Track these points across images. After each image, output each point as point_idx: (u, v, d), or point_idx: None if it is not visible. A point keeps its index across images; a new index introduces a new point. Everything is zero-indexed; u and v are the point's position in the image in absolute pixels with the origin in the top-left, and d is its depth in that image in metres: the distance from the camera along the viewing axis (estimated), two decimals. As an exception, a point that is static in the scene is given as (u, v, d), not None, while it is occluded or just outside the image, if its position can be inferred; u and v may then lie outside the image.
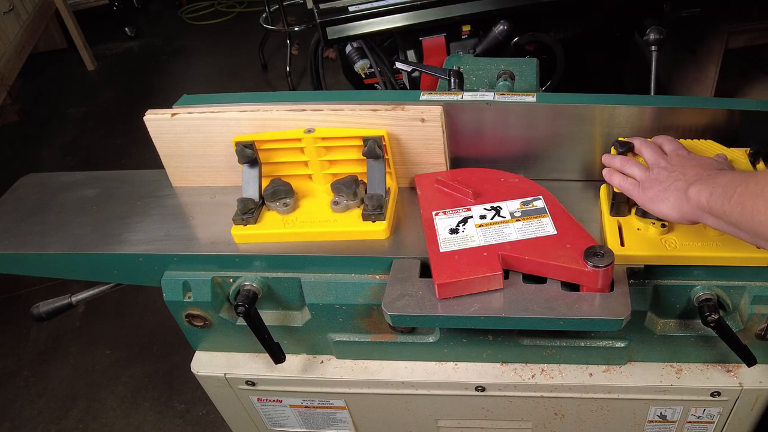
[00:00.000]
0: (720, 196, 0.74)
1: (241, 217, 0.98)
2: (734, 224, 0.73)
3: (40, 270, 1.06)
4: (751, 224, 0.69)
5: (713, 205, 0.76)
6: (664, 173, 0.86)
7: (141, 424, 2.01)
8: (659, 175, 0.86)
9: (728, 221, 0.74)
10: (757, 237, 0.70)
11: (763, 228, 0.68)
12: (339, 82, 2.70)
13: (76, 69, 4.15)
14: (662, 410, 1.05)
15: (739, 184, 0.71)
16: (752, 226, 0.69)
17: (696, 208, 0.79)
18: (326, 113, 1.00)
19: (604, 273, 0.83)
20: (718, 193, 0.75)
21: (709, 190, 0.77)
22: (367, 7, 1.74)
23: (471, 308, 0.85)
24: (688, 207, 0.80)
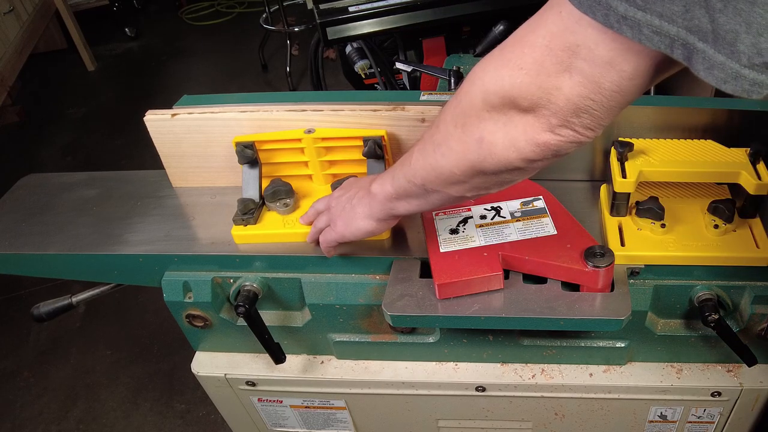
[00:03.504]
0: (401, 172, 0.75)
1: (241, 218, 0.98)
2: (422, 186, 0.73)
3: (41, 270, 1.06)
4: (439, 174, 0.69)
5: (399, 184, 0.76)
6: (342, 198, 0.88)
7: (141, 425, 2.01)
8: (338, 203, 0.88)
9: (417, 189, 0.74)
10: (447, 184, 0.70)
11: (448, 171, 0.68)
12: (339, 82, 2.69)
13: (76, 69, 4.15)
14: (662, 410, 1.05)
15: (415, 151, 0.72)
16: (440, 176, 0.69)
17: (385, 201, 0.80)
18: (326, 113, 1.00)
19: (604, 273, 0.83)
20: (398, 172, 0.76)
21: (389, 176, 0.78)
22: (367, 7, 1.74)
23: (471, 308, 0.85)
24: (378, 205, 0.81)
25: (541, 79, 0.55)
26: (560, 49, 0.52)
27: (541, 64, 0.54)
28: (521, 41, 0.56)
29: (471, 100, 0.61)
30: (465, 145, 0.64)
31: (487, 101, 0.60)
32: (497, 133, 0.61)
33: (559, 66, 0.53)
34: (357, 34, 1.79)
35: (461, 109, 0.63)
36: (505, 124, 0.60)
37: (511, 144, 0.60)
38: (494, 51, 0.59)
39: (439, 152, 0.68)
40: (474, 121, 0.62)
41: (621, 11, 0.46)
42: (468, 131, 0.63)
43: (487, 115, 0.61)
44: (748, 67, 0.43)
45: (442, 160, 0.68)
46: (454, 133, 0.65)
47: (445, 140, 0.66)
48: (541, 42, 0.53)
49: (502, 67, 0.57)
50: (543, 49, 0.53)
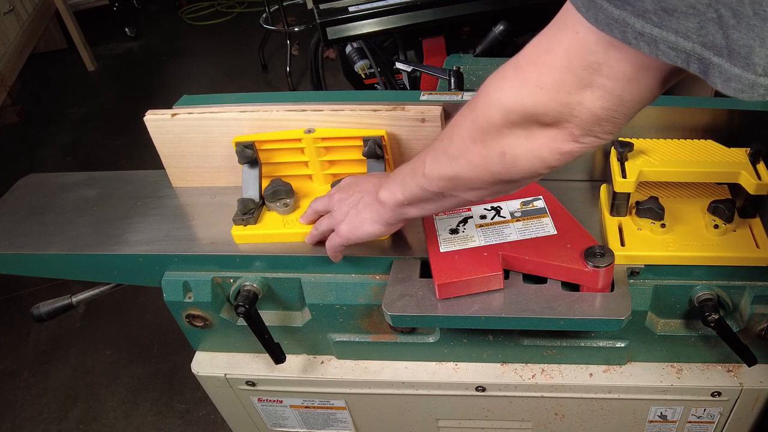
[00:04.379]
0: (412, 180, 0.76)
1: (241, 218, 0.98)
2: (439, 193, 0.74)
3: (41, 270, 1.06)
4: (458, 183, 0.70)
5: (411, 192, 0.77)
6: (345, 203, 0.87)
7: (141, 425, 2.01)
8: (341, 206, 0.88)
9: (432, 196, 0.75)
10: (466, 190, 0.71)
11: (468, 181, 0.69)
12: (339, 82, 2.69)
13: (76, 69, 4.15)
14: (662, 410, 1.05)
15: (427, 161, 0.73)
16: (459, 185, 0.70)
17: (395, 207, 0.80)
18: (326, 113, 1.00)
19: (604, 273, 0.83)
20: (408, 180, 0.76)
21: (398, 184, 0.78)
22: (367, 7, 1.74)
23: (471, 308, 0.85)
24: (387, 213, 0.82)
25: (563, 96, 0.56)
26: (580, 68, 0.53)
27: (562, 83, 0.55)
28: (538, 61, 0.56)
29: (490, 118, 0.62)
30: (486, 159, 0.65)
31: (507, 119, 0.60)
32: (519, 147, 0.62)
33: (580, 83, 0.54)
34: (357, 34, 1.79)
35: (479, 125, 0.63)
36: (527, 138, 0.61)
37: (534, 156, 0.62)
38: (507, 70, 0.60)
39: (456, 165, 0.68)
40: (494, 137, 0.63)
41: (638, 28, 0.47)
42: (489, 146, 0.64)
43: (507, 131, 0.61)
44: (763, 75, 0.45)
45: (462, 172, 0.68)
46: (473, 148, 0.65)
47: (463, 154, 0.67)
48: (560, 63, 0.54)
49: (521, 87, 0.58)
50: (563, 69, 0.54)
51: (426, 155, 0.73)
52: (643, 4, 0.46)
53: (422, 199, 0.77)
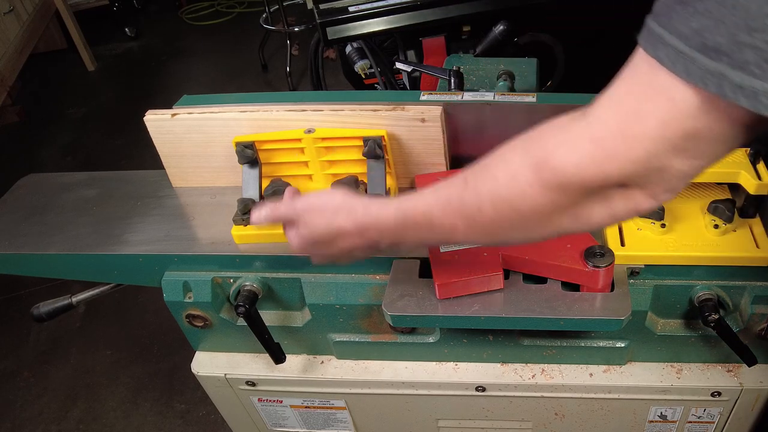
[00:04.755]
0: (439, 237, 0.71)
1: (241, 218, 0.98)
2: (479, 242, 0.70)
3: (41, 270, 1.06)
4: (512, 242, 0.66)
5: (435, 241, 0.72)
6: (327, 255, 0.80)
7: (141, 425, 2.01)
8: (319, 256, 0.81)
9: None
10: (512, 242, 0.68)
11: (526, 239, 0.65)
12: (339, 82, 2.69)
13: (76, 69, 4.15)
14: (662, 410, 1.05)
15: (460, 227, 0.66)
16: (512, 242, 0.66)
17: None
18: (326, 113, 1.00)
19: (604, 273, 0.83)
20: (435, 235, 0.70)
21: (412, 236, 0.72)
22: (367, 7, 1.74)
23: (471, 308, 0.85)
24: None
25: (654, 164, 0.52)
26: (678, 136, 0.50)
27: (655, 154, 0.51)
28: (626, 134, 0.51)
29: (565, 190, 0.56)
30: (555, 225, 0.61)
31: (586, 190, 0.56)
32: (595, 209, 0.58)
33: (674, 150, 0.51)
34: (357, 34, 1.79)
35: (550, 200, 0.58)
36: (605, 200, 0.58)
37: (609, 215, 0.59)
38: (582, 141, 0.54)
39: (516, 232, 0.64)
40: (567, 207, 0.58)
41: (737, 81, 0.45)
42: (560, 214, 0.59)
43: (585, 200, 0.58)
44: None
45: (521, 236, 0.64)
46: (538, 218, 0.60)
47: (530, 224, 0.62)
48: (654, 134, 0.50)
49: (608, 162, 0.53)
50: (657, 140, 0.50)
51: (455, 225, 0.66)
52: (743, 56, 0.44)
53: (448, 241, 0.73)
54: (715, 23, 0.44)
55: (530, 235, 0.63)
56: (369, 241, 0.74)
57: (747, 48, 0.43)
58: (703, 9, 0.45)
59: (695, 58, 0.46)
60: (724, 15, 0.44)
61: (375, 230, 0.73)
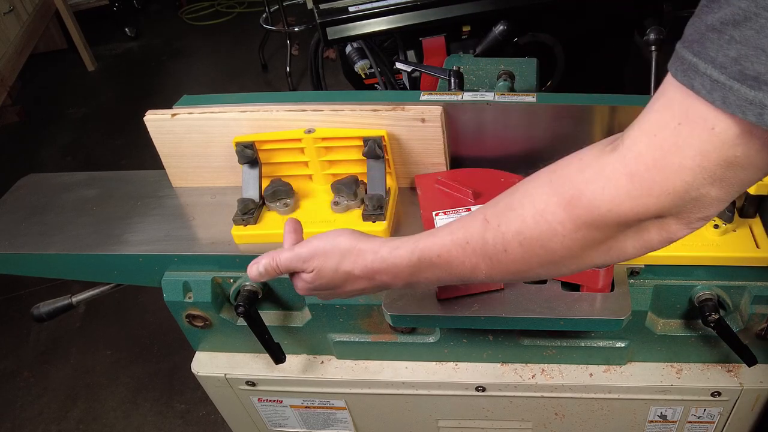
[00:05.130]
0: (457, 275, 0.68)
1: (241, 218, 0.98)
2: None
3: (41, 270, 1.06)
4: (537, 277, 0.64)
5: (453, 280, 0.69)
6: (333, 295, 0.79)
7: (141, 425, 2.01)
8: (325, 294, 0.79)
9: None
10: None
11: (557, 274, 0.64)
12: (339, 82, 2.69)
13: (76, 69, 4.15)
14: (662, 410, 1.05)
15: (483, 270, 0.64)
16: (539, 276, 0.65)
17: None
18: (326, 113, 1.00)
19: (604, 273, 0.83)
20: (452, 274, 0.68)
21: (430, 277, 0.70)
22: (367, 7, 1.74)
23: (471, 308, 0.85)
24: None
25: (691, 195, 0.51)
26: (715, 165, 0.48)
27: (693, 185, 0.50)
28: (663, 166, 0.50)
29: (599, 227, 0.55)
30: (586, 260, 0.59)
31: (621, 225, 0.55)
32: (628, 241, 0.57)
33: (712, 179, 0.49)
34: (357, 34, 1.79)
35: (582, 237, 0.56)
36: (638, 232, 0.56)
37: (643, 246, 0.57)
38: (618, 177, 0.52)
39: (544, 269, 0.62)
40: (600, 242, 0.57)
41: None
42: (593, 250, 0.58)
43: (619, 234, 0.56)
44: None
45: (550, 273, 0.63)
46: (569, 255, 0.59)
47: (560, 261, 0.60)
48: (692, 164, 0.49)
49: (645, 196, 0.52)
50: (695, 171, 0.49)
51: (477, 266, 0.64)
52: None
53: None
54: (755, 52, 0.43)
55: (559, 271, 0.62)
56: (379, 283, 0.73)
57: None
58: (741, 37, 0.44)
59: (733, 87, 0.45)
60: (764, 43, 0.43)
61: (386, 274, 0.71)
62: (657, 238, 0.56)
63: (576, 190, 0.55)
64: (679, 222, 0.54)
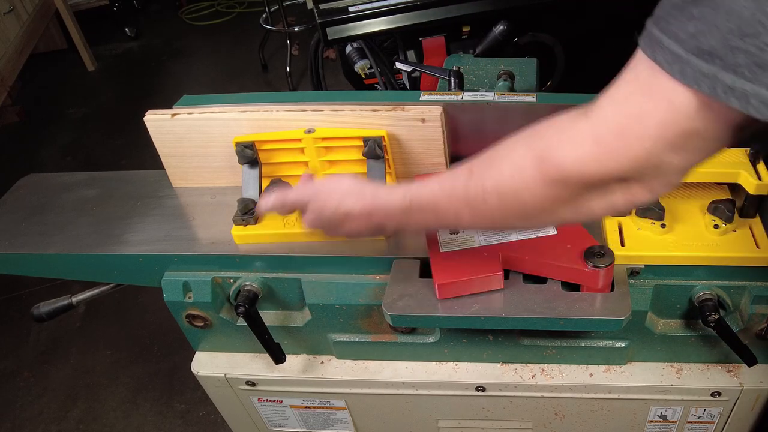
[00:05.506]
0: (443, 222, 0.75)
1: (241, 218, 0.98)
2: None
3: (41, 270, 1.06)
4: (518, 227, 0.71)
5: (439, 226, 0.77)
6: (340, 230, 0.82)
7: (141, 425, 2.01)
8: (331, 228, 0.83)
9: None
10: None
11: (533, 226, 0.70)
12: (339, 82, 2.69)
13: (76, 69, 4.15)
14: (662, 410, 1.05)
15: (460, 212, 0.69)
16: (518, 227, 0.71)
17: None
18: (326, 113, 1.00)
19: (604, 273, 0.83)
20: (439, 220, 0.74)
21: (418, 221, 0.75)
22: (367, 7, 1.74)
23: (471, 308, 0.85)
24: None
25: (652, 161, 0.55)
26: (675, 136, 0.52)
27: (654, 152, 0.54)
28: (626, 134, 0.54)
29: (566, 185, 0.60)
30: (556, 215, 0.64)
31: (587, 185, 0.59)
32: (595, 201, 0.61)
33: (672, 148, 0.53)
34: (357, 34, 1.79)
35: (552, 193, 0.61)
36: (604, 193, 0.60)
37: (608, 206, 0.62)
38: (584, 140, 0.57)
39: (519, 221, 0.67)
40: (569, 199, 0.61)
41: (728, 83, 0.47)
42: (562, 206, 0.62)
43: (586, 193, 0.61)
44: None
45: (523, 225, 0.69)
46: (541, 208, 0.63)
47: (532, 213, 0.65)
48: (653, 133, 0.53)
49: (608, 161, 0.56)
50: (655, 140, 0.53)
51: (459, 213, 0.69)
52: (735, 59, 0.46)
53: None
54: (710, 28, 0.47)
55: (532, 223, 0.68)
56: (376, 224, 0.78)
57: (739, 52, 0.45)
58: (699, 14, 0.47)
59: (690, 60, 0.48)
60: (718, 20, 0.46)
61: (382, 214, 0.76)
62: (621, 200, 0.60)
63: (548, 149, 0.60)
64: (642, 187, 0.58)
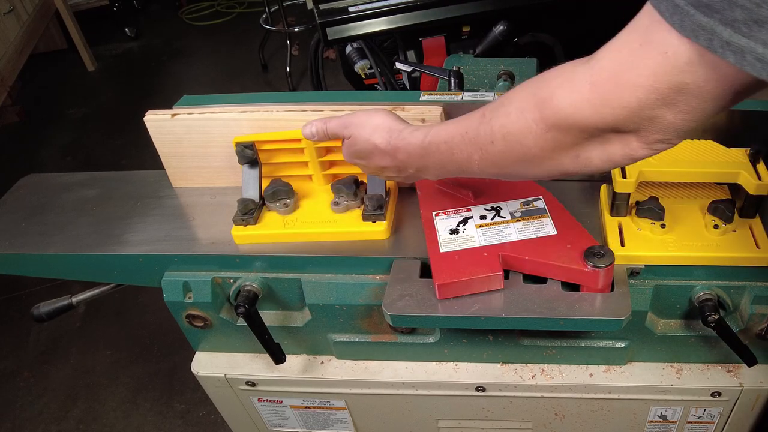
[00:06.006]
0: (453, 167, 0.76)
1: (241, 218, 0.98)
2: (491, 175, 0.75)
3: (41, 270, 1.06)
4: (518, 177, 0.71)
5: (448, 173, 0.78)
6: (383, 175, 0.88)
7: (141, 425, 2.01)
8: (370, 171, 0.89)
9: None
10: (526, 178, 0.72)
11: (533, 176, 0.70)
12: (339, 82, 2.69)
13: (76, 69, 4.15)
14: (662, 410, 1.05)
15: (471, 155, 0.71)
16: (519, 177, 0.71)
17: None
18: (326, 114, 1.00)
19: (604, 273, 0.83)
20: (447, 167, 0.77)
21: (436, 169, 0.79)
22: (368, 7, 1.74)
23: (471, 308, 0.85)
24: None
25: (646, 113, 0.55)
26: (667, 88, 0.53)
27: (646, 102, 0.54)
28: (620, 81, 0.55)
29: (565, 130, 0.61)
30: (557, 163, 0.65)
31: (584, 132, 0.60)
32: (594, 151, 0.63)
33: (664, 101, 0.54)
34: (357, 34, 1.79)
35: (552, 138, 0.62)
36: (602, 143, 0.61)
37: (607, 158, 0.63)
38: (582, 84, 0.58)
39: (523, 167, 0.68)
40: (568, 146, 0.63)
41: (725, 37, 0.47)
42: (562, 153, 0.64)
43: (584, 141, 0.62)
44: None
45: (528, 172, 0.69)
46: (542, 155, 0.65)
47: (535, 159, 0.66)
48: (645, 82, 0.53)
49: (602, 106, 0.57)
50: (648, 90, 0.53)
51: (471, 155, 0.71)
52: (733, 14, 0.46)
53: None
54: None
55: (535, 171, 0.68)
56: (399, 162, 0.81)
57: (736, 7, 0.46)
58: None
59: (689, 12, 0.48)
60: None
61: (404, 153, 0.79)
62: (620, 153, 0.61)
63: (549, 92, 0.61)
64: (639, 140, 0.59)
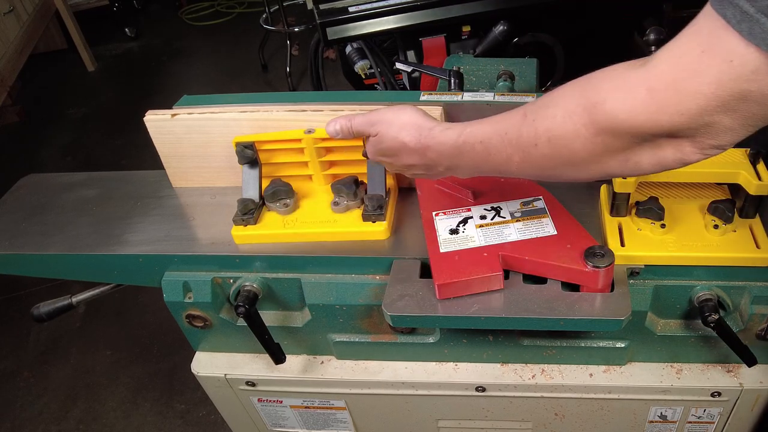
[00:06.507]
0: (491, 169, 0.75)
1: (241, 218, 0.98)
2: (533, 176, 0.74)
3: (41, 270, 1.06)
4: (565, 179, 0.69)
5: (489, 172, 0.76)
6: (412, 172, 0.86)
7: (141, 425, 2.01)
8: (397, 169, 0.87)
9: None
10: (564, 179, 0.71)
11: (582, 178, 0.68)
12: (339, 82, 2.69)
13: (76, 69, 4.15)
14: (662, 410, 1.05)
15: (515, 161, 0.70)
16: (565, 179, 0.70)
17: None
18: (326, 114, 1.00)
19: (604, 273, 0.83)
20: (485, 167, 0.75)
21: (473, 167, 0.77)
22: (368, 7, 1.74)
23: (471, 308, 0.85)
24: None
25: (704, 119, 0.54)
26: (729, 96, 0.51)
27: (705, 109, 0.53)
28: (680, 88, 0.53)
29: (616, 135, 0.59)
30: (604, 166, 0.64)
31: (637, 137, 0.59)
32: (644, 155, 0.61)
33: (725, 108, 0.52)
34: (357, 34, 1.79)
35: (601, 142, 0.61)
36: (654, 148, 0.60)
37: (657, 162, 0.61)
38: (638, 89, 0.56)
39: (567, 170, 0.67)
40: (618, 150, 0.61)
41: None
42: (611, 157, 0.62)
43: (635, 146, 0.60)
44: None
45: (571, 175, 0.67)
46: (590, 159, 0.63)
47: (581, 163, 0.65)
48: (707, 90, 0.52)
49: (659, 112, 0.55)
50: (709, 97, 0.52)
51: (511, 156, 0.69)
52: None
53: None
54: None
55: (580, 174, 0.66)
56: (428, 160, 0.79)
57: None
58: None
59: (760, 20, 0.47)
60: None
61: (435, 152, 0.77)
62: (671, 157, 0.60)
63: (600, 96, 0.59)
64: (693, 145, 0.58)
